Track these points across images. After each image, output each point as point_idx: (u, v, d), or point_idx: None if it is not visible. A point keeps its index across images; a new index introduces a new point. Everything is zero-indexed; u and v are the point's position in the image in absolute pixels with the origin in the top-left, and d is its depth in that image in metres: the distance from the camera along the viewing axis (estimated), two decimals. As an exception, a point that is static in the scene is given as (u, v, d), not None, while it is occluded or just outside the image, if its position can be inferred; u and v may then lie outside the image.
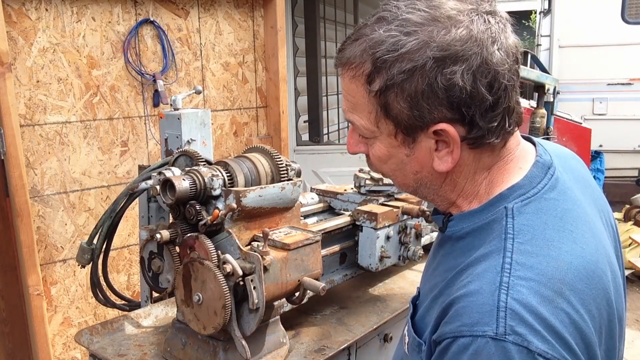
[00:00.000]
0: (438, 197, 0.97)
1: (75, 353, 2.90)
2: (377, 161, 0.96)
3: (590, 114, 7.24)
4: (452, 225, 0.96)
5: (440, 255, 0.99)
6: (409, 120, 0.86)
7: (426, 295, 0.97)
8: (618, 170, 6.98)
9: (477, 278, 0.82)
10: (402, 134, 0.89)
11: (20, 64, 2.59)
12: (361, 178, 2.06)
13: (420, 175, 0.94)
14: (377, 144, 0.93)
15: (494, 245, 0.85)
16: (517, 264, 0.81)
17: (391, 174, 0.97)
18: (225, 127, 3.51)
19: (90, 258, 1.90)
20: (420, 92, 0.83)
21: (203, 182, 1.41)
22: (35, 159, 2.69)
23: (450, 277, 0.89)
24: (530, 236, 0.84)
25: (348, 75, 0.90)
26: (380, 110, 0.88)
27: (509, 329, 0.76)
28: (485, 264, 0.84)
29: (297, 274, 1.49)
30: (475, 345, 0.77)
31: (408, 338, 0.98)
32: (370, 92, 0.87)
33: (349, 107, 0.93)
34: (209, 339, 1.47)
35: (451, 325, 0.81)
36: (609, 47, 7.12)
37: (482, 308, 0.78)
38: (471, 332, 0.78)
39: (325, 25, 5.60)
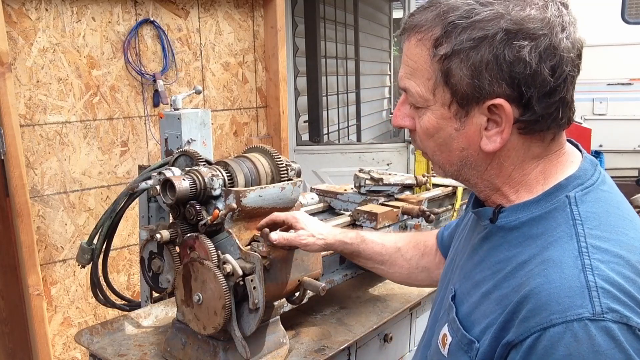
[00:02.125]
0: (482, 181, 0.95)
1: (75, 353, 2.89)
2: (423, 135, 0.94)
3: (590, 114, 7.24)
4: (504, 216, 0.93)
5: (486, 248, 0.95)
6: (468, 90, 0.86)
7: (469, 291, 0.95)
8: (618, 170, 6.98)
9: (553, 265, 0.81)
10: (457, 105, 0.88)
11: (20, 64, 2.59)
12: (361, 178, 2.06)
13: (466, 154, 0.92)
14: (427, 115, 0.91)
15: (562, 232, 0.84)
16: (593, 248, 0.81)
17: (436, 150, 0.94)
18: (225, 127, 3.51)
19: (90, 258, 1.90)
20: (485, 62, 0.83)
21: (203, 182, 1.41)
22: (35, 159, 2.69)
23: (509, 270, 0.87)
24: (597, 223, 0.84)
25: (415, 38, 0.89)
26: (440, 76, 0.87)
27: (605, 307, 0.74)
28: (557, 250, 0.82)
29: (297, 274, 1.49)
30: (570, 331, 0.74)
31: (451, 338, 0.93)
32: (435, 57, 0.87)
33: (407, 73, 0.92)
34: (209, 339, 1.47)
35: (535, 319, 0.77)
36: (609, 47, 7.12)
37: (571, 292, 0.76)
38: (564, 319, 0.75)
39: (325, 25, 5.60)
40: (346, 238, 1.40)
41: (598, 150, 6.79)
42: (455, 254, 1.12)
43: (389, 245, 1.43)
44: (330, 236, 1.39)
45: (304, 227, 1.37)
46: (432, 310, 1.16)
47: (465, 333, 0.90)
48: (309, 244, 1.36)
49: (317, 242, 1.37)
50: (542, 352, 0.76)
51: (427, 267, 1.43)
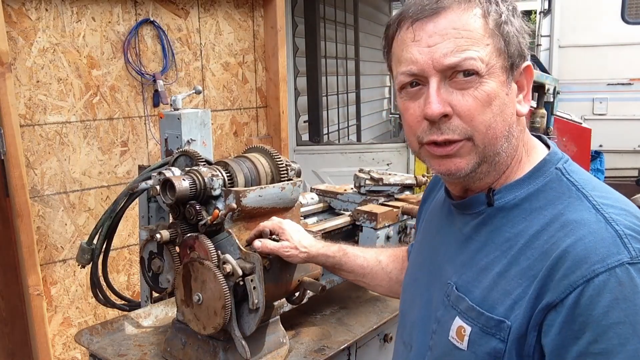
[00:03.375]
0: (507, 156, 0.96)
1: (75, 353, 2.90)
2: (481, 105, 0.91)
3: (590, 114, 7.24)
4: (501, 197, 0.96)
5: (485, 233, 0.97)
6: (519, 52, 0.93)
7: (476, 277, 0.95)
8: (618, 170, 6.98)
9: (577, 225, 0.85)
10: (509, 69, 0.93)
11: (20, 64, 2.59)
12: (361, 178, 2.06)
13: (511, 120, 0.95)
14: (487, 82, 0.91)
15: (569, 197, 0.90)
16: (603, 205, 0.87)
17: (492, 121, 0.92)
18: (225, 127, 3.51)
19: (90, 258, 1.90)
20: (520, 28, 0.94)
21: (203, 182, 1.41)
22: (35, 159, 2.69)
23: (522, 244, 0.90)
24: (592, 186, 0.92)
25: (457, 10, 0.91)
26: (500, 40, 0.92)
27: (637, 251, 0.81)
28: (573, 212, 0.88)
29: (297, 274, 1.49)
30: (614, 277, 0.79)
31: (471, 327, 0.93)
32: (490, 23, 0.91)
33: (462, 45, 0.90)
34: (209, 339, 1.47)
35: (576, 274, 0.81)
36: (609, 47, 7.12)
37: (605, 242, 0.82)
38: (606, 267, 0.80)
39: (325, 25, 5.60)
40: (328, 251, 1.41)
41: (598, 150, 6.78)
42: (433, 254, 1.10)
43: (370, 258, 1.44)
44: (314, 249, 1.40)
45: (288, 239, 1.38)
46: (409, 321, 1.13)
47: (492, 315, 0.90)
48: (291, 255, 1.38)
49: (300, 255, 1.38)
50: (587, 302, 0.79)
51: None
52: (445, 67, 0.90)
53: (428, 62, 0.91)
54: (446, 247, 1.06)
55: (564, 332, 0.82)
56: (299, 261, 1.41)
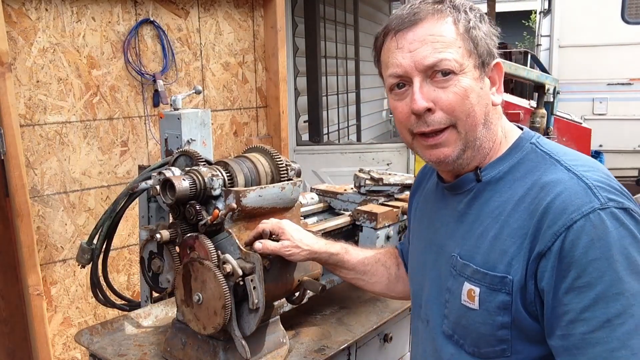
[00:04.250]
0: (487, 140, 1.11)
1: (75, 353, 2.90)
2: (460, 98, 1.06)
3: (590, 114, 7.24)
4: (487, 173, 1.12)
5: (477, 205, 1.12)
6: (486, 54, 1.09)
7: (475, 244, 1.09)
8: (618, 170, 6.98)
9: (553, 184, 1.00)
10: (480, 67, 1.09)
11: (20, 64, 2.59)
12: (361, 178, 2.06)
13: (487, 109, 1.10)
14: (462, 79, 1.06)
15: (544, 164, 1.06)
16: (573, 165, 1.03)
17: (471, 110, 1.07)
18: (225, 127, 3.51)
19: (90, 258, 1.90)
20: (488, 32, 1.10)
21: (203, 182, 1.41)
22: (35, 159, 2.69)
23: (510, 209, 1.05)
24: (562, 152, 1.08)
25: (431, 20, 1.07)
26: (470, 43, 1.07)
27: (605, 198, 0.95)
28: (550, 175, 1.03)
29: (297, 274, 1.49)
30: (589, 221, 0.94)
31: (479, 288, 1.06)
32: (460, 29, 1.07)
33: (437, 48, 1.06)
34: (209, 339, 1.47)
35: (557, 224, 0.96)
36: (609, 47, 7.12)
37: (578, 194, 0.97)
38: (581, 214, 0.94)
39: (325, 25, 5.60)
40: (332, 249, 1.44)
41: (598, 150, 6.78)
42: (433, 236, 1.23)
43: (369, 255, 1.50)
44: (316, 247, 1.42)
45: (289, 238, 1.39)
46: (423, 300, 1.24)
47: (495, 274, 1.04)
48: (293, 254, 1.40)
49: (302, 253, 1.40)
50: (570, 246, 0.94)
51: (402, 277, 1.49)
52: (425, 67, 1.06)
53: (410, 64, 1.07)
54: (445, 226, 1.20)
55: (554, 274, 0.96)
56: (301, 259, 1.42)
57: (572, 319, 0.95)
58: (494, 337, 1.05)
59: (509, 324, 1.03)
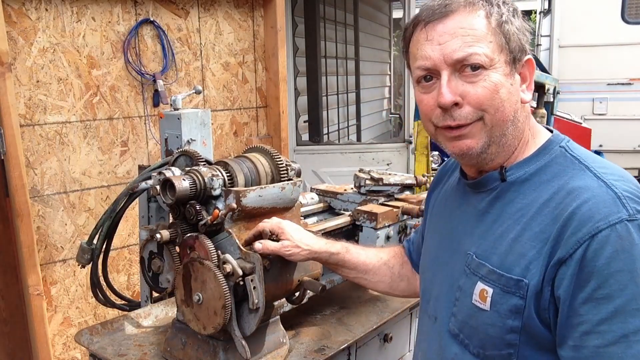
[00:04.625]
0: (514, 138, 1.09)
1: (75, 353, 2.90)
2: (489, 93, 1.03)
3: (590, 114, 7.24)
4: (512, 173, 1.09)
5: (499, 206, 1.10)
6: (518, 49, 1.06)
7: (493, 245, 1.07)
8: (618, 171, 6.97)
9: (581, 190, 0.98)
10: (512, 62, 1.06)
11: (20, 64, 2.59)
12: (361, 178, 2.06)
13: (517, 106, 1.07)
14: (492, 74, 1.04)
15: (573, 169, 1.03)
16: (603, 173, 1.00)
17: (500, 105, 1.04)
18: (225, 127, 3.51)
19: (90, 258, 1.90)
20: (521, 27, 1.07)
21: (203, 182, 1.41)
22: (35, 159, 2.69)
23: (533, 212, 1.03)
24: (592, 159, 1.05)
25: (463, 12, 1.04)
26: (502, 38, 1.05)
27: (634, 210, 0.93)
28: (578, 181, 1.00)
29: (297, 274, 1.49)
30: (615, 232, 0.91)
31: (492, 289, 1.04)
32: (492, 23, 1.04)
33: (467, 42, 1.03)
34: (209, 339, 1.47)
35: (582, 231, 0.93)
36: (609, 47, 7.11)
37: (606, 203, 0.94)
38: (608, 223, 0.92)
39: (325, 25, 5.60)
40: (332, 248, 1.43)
41: (598, 150, 6.78)
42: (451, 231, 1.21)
43: (371, 255, 1.48)
44: (317, 246, 1.41)
45: (289, 238, 1.39)
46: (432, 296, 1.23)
47: (510, 276, 1.02)
48: (293, 254, 1.39)
49: (302, 253, 1.39)
50: (592, 255, 0.91)
51: (406, 276, 1.49)
52: (454, 61, 1.03)
53: (439, 57, 1.04)
54: (463, 223, 1.18)
55: (573, 282, 0.93)
56: (301, 259, 1.42)
57: (586, 330, 0.92)
58: (502, 340, 1.03)
59: (518, 328, 1.01)
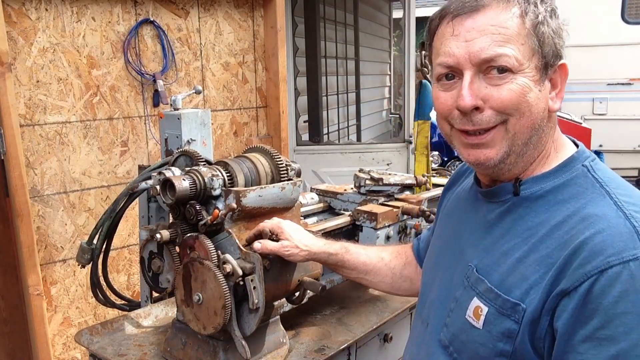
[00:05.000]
0: (535, 149, 1.01)
1: (75, 353, 2.90)
2: (515, 96, 0.95)
3: (590, 114, 7.24)
4: (527, 187, 1.01)
5: (509, 220, 1.02)
6: (554, 52, 0.97)
7: (496, 261, 1.00)
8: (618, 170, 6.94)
9: (597, 218, 0.90)
10: (543, 68, 0.97)
11: (20, 64, 2.59)
12: (361, 178, 2.06)
13: (543, 115, 0.99)
14: (519, 79, 0.95)
15: (593, 193, 0.95)
16: (625, 202, 0.91)
17: (525, 111, 0.97)
18: (225, 127, 3.51)
19: (90, 258, 1.90)
20: (557, 29, 0.98)
21: (203, 182, 1.41)
22: (35, 159, 2.69)
23: (543, 233, 0.95)
24: (616, 184, 0.96)
25: (497, 9, 0.96)
26: (535, 41, 0.96)
27: None
28: (595, 207, 0.92)
29: (297, 274, 1.49)
30: (627, 270, 0.83)
31: (487, 308, 0.98)
32: (527, 23, 0.95)
33: (497, 41, 0.95)
34: (209, 339, 1.47)
35: (591, 264, 0.85)
36: (609, 47, 7.12)
37: (622, 236, 0.86)
38: (620, 259, 0.84)
39: (325, 25, 5.60)
40: (331, 249, 1.42)
41: (598, 150, 6.78)
42: (457, 237, 1.15)
43: (372, 255, 1.45)
44: (315, 247, 1.40)
45: (288, 238, 1.38)
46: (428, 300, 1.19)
47: (508, 297, 0.95)
48: (292, 254, 1.38)
49: (301, 254, 1.38)
50: (599, 291, 0.84)
51: (409, 277, 1.46)
52: (481, 61, 0.95)
53: (465, 55, 0.96)
54: (470, 232, 1.11)
55: (574, 317, 0.86)
56: (300, 260, 1.41)
57: None
58: None
59: (508, 353, 0.95)
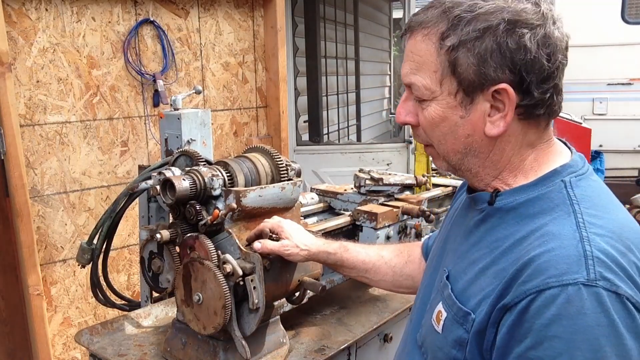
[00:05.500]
0: (484, 168, 1.01)
1: (75, 353, 2.90)
2: (429, 125, 0.99)
3: (590, 114, 7.23)
4: (502, 199, 1.00)
5: (483, 230, 1.01)
6: (474, 78, 0.92)
7: (464, 269, 1.00)
8: (618, 170, 6.97)
9: (553, 237, 0.87)
10: (463, 93, 0.94)
11: (20, 64, 2.59)
12: (361, 178, 2.06)
13: (470, 140, 0.98)
14: (432, 106, 0.97)
15: (560, 210, 0.92)
16: (589, 224, 0.88)
17: (442, 139, 0.99)
18: (225, 127, 3.51)
19: (90, 258, 1.90)
20: (489, 51, 0.91)
21: (203, 182, 1.41)
22: (35, 159, 2.69)
23: (507, 246, 0.93)
24: (591, 203, 0.92)
25: (420, 34, 0.96)
26: (447, 66, 0.94)
27: (598, 274, 0.81)
28: (556, 225, 0.89)
29: (297, 274, 1.49)
30: (565, 294, 0.81)
31: (446, 314, 0.99)
32: (442, 49, 0.93)
33: (412, 68, 0.97)
34: (209, 339, 1.47)
35: (532, 282, 0.84)
36: (609, 47, 7.11)
37: (569, 259, 0.83)
38: (560, 282, 0.82)
39: (325, 25, 5.60)
40: (329, 248, 1.42)
41: (598, 150, 6.78)
42: (446, 241, 1.17)
43: (372, 253, 1.46)
44: (314, 247, 1.40)
45: (288, 237, 1.38)
46: (417, 298, 1.21)
47: (461, 306, 0.96)
48: (292, 254, 1.38)
49: (301, 253, 1.39)
50: (534, 312, 0.83)
51: (410, 275, 1.45)
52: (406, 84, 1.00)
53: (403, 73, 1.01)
54: (455, 236, 1.13)
55: (511, 333, 0.86)
56: (299, 260, 1.41)
57: None
58: None
59: None
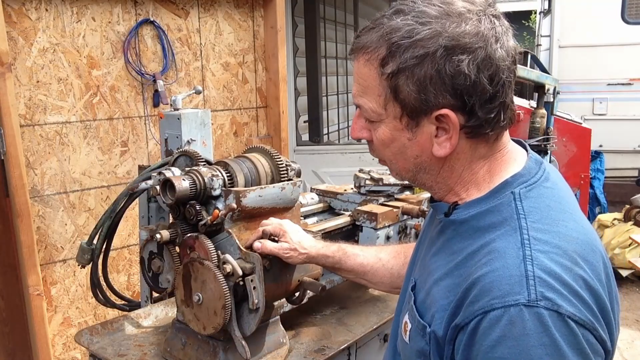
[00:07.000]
0: (436, 183, 1.02)
1: (75, 353, 2.90)
2: (380, 145, 1.01)
3: (590, 114, 7.23)
4: (459, 211, 1.00)
5: (442, 241, 1.02)
6: (416, 104, 0.92)
7: (425, 280, 1.01)
8: (618, 170, 6.97)
9: (498, 255, 0.87)
10: (407, 117, 0.95)
11: (20, 64, 2.59)
12: (361, 178, 2.06)
13: (420, 160, 0.99)
14: (381, 128, 0.98)
15: (507, 225, 0.91)
16: (534, 240, 0.88)
17: (392, 158, 1.02)
18: (225, 127, 3.51)
19: (90, 258, 1.90)
20: (428, 77, 0.90)
21: (203, 182, 1.41)
22: (35, 159, 2.69)
23: (459, 260, 0.94)
24: (539, 216, 0.91)
25: (363, 59, 0.97)
26: (389, 92, 0.94)
27: (539, 295, 0.81)
28: (502, 242, 0.89)
29: (297, 274, 1.49)
30: (507, 315, 0.81)
31: (410, 325, 1.00)
32: (383, 75, 0.93)
33: (359, 91, 0.99)
34: (209, 339, 1.47)
35: (479, 303, 0.85)
36: (609, 47, 7.11)
37: (511, 280, 0.83)
38: (503, 303, 0.82)
39: (325, 25, 5.60)
40: (328, 251, 1.43)
41: (598, 150, 6.78)
42: (418, 249, 1.17)
43: (370, 256, 1.46)
44: (313, 250, 1.42)
45: (288, 240, 1.39)
46: (398, 303, 1.21)
47: (420, 319, 0.97)
48: (291, 257, 1.40)
49: (299, 257, 1.40)
50: (481, 333, 0.84)
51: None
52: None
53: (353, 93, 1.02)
54: (423, 244, 1.13)
55: (465, 354, 0.87)
56: (298, 262, 1.42)
57: None
58: None
59: None
